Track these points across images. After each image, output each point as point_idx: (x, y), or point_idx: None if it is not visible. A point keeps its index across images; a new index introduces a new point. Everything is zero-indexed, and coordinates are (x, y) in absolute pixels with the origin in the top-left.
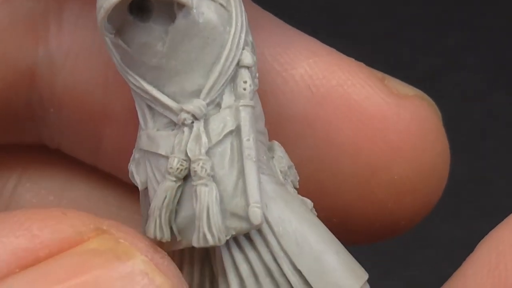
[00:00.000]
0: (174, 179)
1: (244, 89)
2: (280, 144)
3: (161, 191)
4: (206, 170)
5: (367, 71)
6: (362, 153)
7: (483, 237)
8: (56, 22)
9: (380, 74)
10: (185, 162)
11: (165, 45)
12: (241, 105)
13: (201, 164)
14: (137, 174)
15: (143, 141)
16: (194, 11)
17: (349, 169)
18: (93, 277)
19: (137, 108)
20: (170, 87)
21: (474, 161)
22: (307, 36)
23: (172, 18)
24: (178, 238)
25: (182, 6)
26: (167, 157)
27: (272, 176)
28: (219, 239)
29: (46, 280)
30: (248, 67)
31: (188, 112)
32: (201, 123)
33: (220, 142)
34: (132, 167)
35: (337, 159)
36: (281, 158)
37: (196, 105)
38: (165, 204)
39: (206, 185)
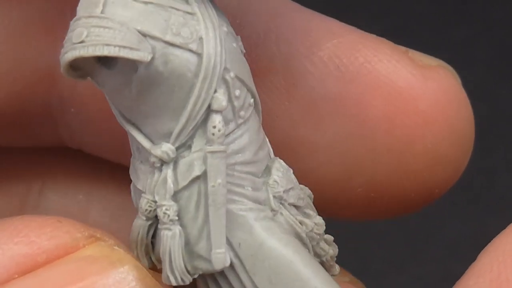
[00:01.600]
0: (144, 218)
1: (213, 134)
2: (282, 163)
3: (135, 227)
4: (168, 216)
5: (391, 46)
6: (395, 126)
7: (488, 234)
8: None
9: (403, 48)
10: (153, 204)
11: (131, 91)
12: (208, 151)
13: (163, 209)
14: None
15: (130, 168)
16: (156, 61)
17: (384, 143)
18: (89, 283)
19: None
20: (145, 127)
21: (480, 157)
22: (326, 17)
23: (135, 67)
24: (158, 267)
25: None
26: (142, 193)
27: (256, 211)
28: (182, 280)
29: (45, 286)
30: (218, 111)
31: (156, 156)
32: (170, 166)
33: (187, 186)
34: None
35: (372, 134)
36: (276, 183)
37: (163, 150)
38: (139, 239)
39: (169, 229)
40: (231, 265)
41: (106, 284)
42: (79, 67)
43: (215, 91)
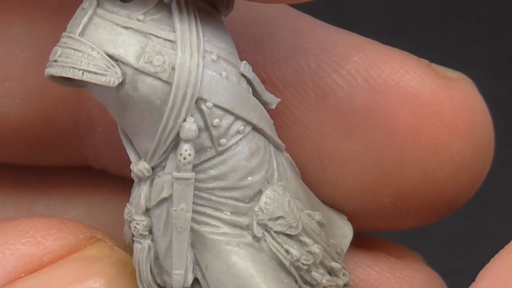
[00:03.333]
0: (127, 226)
1: (179, 161)
2: (275, 190)
3: (124, 233)
4: (137, 231)
5: (415, 59)
6: (422, 135)
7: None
8: None
9: (425, 61)
10: (131, 215)
11: (114, 108)
12: (174, 177)
13: (134, 223)
14: None
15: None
16: (127, 86)
17: (411, 153)
18: (92, 282)
19: None
20: (134, 142)
21: None
22: (350, 32)
23: (112, 90)
24: None
25: None
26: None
27: (230, 236)
28: None
29: (51, 285)
30: (187, 140)
31: (134, 173)
32: (147, 183)
33: (157, 205)
34: None
35: (400, 144)
36: (260, 211)
37: (139, 167)
38: (127, 244)
39: (139, 242)
40: (200, 285)
41: (108, 283)
42: (71, 78)
43: (184, 120)
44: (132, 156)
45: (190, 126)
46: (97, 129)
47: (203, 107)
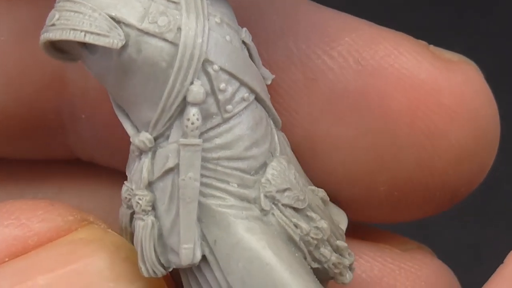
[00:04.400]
0: (125, 206)
1: (186, 126)
2: (281, 161)
3: (120, 215)
4: (140, 206)
5: (411, 40)
6: (418, 120)
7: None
8: None
9: (423, 42)
10: (132, 192)
11: (112, 78)
12: (181, 144)
13: (136, 199)
14: None
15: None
16: (130, 49)
17: (406, 138)
18: (82, 266)
19: None
20: (132, 114)
21: None
22: (343, 13)
23: (112, 54)
24: None
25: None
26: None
27: (238, 208)
28: (154, 272)
29: (36, 269)
30: (194, 104)
31: (134, 145)
32: (148, 155)
33: (161, 177)
34: None
35: (394, 129)
36: (268, 182)
37: (140, 138)
38: (123, 227)
39: (141, 219)
40: (207, 262)
41: (99, 267)
42: (65, 50)
43: (191, 83)
44: (129, 129)
45: (198, 89)
46: (80, 117)
47: (210, 69)
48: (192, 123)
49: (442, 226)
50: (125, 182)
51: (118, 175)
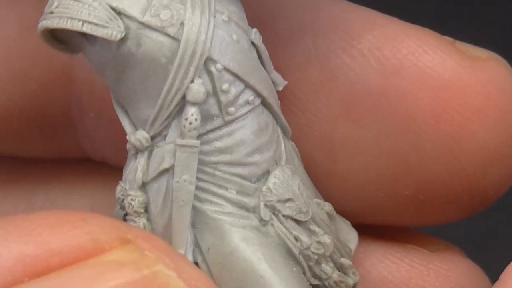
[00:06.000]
0: (118, 206)
1: (184, 126)
2: (285, 171)
3: (113, 215)
4: (132, 207)
5: (436, 36)
6: (443, 121)
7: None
8: None
9: (449, 38)
10: (125, 192)
11: (112, 71)
12: (177, 144)
13: (129, 199)
14: None
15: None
16: (130, 42)
17: (431, 139)
18: None
19: None
20: (130, 111)
21: None
22: (365, 8)
23: (113, 46)
24: None
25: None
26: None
27: (235, 216)
28: None
29: None
30: (194, 103)
31: (130, 144)
32: (145, 155)
33: (156, 178)
34: None
35: (418, 130)
36: (269, 191)
37: (137, 137)
38: None
39: (133, 221)
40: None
41: None
42: (65, 40)
43: (192, 81)
44: (127, 127)
45: (198, 87)
46: (88, 115)
47: (212, 68)
48: (190, 123)
49: None
50: (120, 182)
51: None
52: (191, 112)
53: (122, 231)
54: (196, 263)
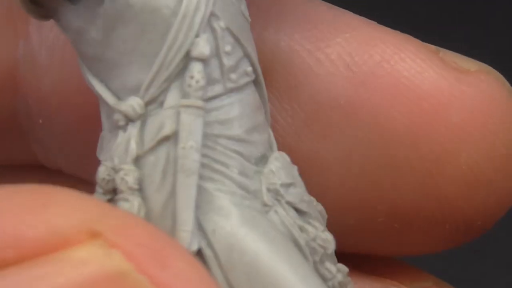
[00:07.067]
0: (101, 190)
1: (189, 85)
2: (284, 156)
3: None
4: (126, 183)
5: (417, 43)
6: (420, 141)
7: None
8: None
9: (433, 47)
10: (113, 172)
11: (97, 32)
12: (182, 106)
13: (121, 174)
14: None
15: (98, 145)
16: None
17: (407, 161)
18: None
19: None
20: (113, 82)
21: None
22: (338, 8)
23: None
24: None
25: None
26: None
27: (240, 197)
28: None
29: None
30: (200, 59)
31: (120, 112)
32: (137, 125)
33: (153, 149)
34: None
35: (391, 150)
36: (272, 173)
37: (129, 103)
38: None
39: (126, 200)
40: (202, 257)
41: None
42: (42, 3)
43: (197, 36)
44: (110, 98)
45: (205, 42)
46: (37, 121)
47: (216, 25)
48: (197, 81)
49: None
50: (102, 162)
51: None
52: (198, 70)
53: (91, 221)
54: (200, 250)
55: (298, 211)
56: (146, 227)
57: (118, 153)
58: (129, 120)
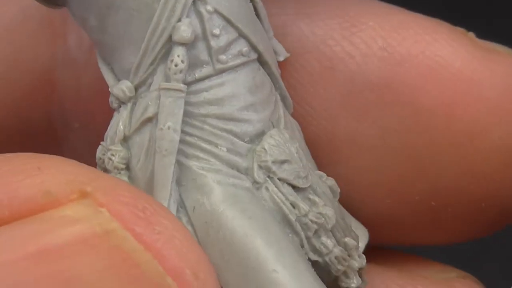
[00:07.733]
0: (100, 169)
1: (169, 68)
2: (281, 133)
3: None
4: (112, 163)
5: (447, 25)
6: (455, 116)
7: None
8: None
9: (460, 28)
10: (106, 151)
11: (97, 17)
12: (162, 88)
13: (109, 155)
14: None
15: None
16: None
17: (442, 137)
18: (54, 247)
19: None
20: (114, 65)
21: None
22: None
23: None
24: None
25: None
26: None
27: (224, 174)
28: None
29: None
30: (182, 43)
31: (113, 95)
32: (128, 107)
33: (138, 130)
34: None
35: (427, 126)
36: (263, 151)
37: (120, 87)
38: None
39: None
40: None
41: (73, 251)
42: None
43: (179, 20)
44: (110, 80)
45: (186, 27)
46: (73, 126)
47: (202, 9)
48: (176, 65)
49: None
50: (101, 142)
51: None
52: (178, 53)
53: (81, 183)
54: None
55: (294, 187)
56: (132, 189)
57: (110, 133)
58: (121, 102)
